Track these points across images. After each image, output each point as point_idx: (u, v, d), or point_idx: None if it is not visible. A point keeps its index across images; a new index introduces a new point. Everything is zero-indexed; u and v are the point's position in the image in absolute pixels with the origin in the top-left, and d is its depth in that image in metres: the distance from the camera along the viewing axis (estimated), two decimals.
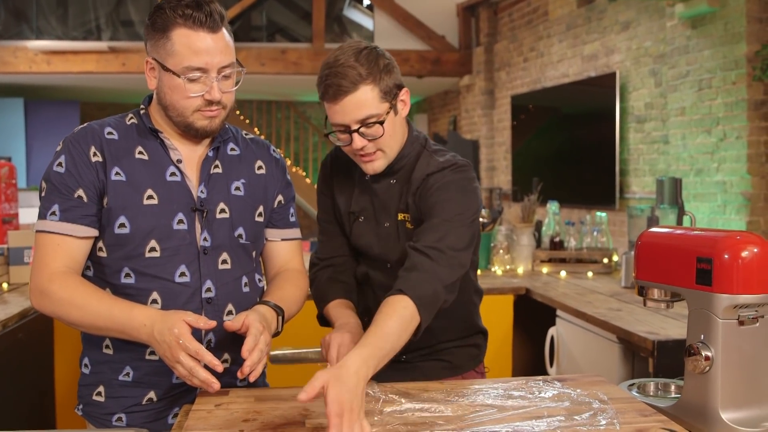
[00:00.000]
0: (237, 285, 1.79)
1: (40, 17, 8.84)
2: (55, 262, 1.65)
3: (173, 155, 1.74)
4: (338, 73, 1.73)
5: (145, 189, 1.69)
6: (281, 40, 9.38)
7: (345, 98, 1.73)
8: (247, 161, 1.85)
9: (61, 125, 10.47)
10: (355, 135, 1.76)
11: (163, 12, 1.66)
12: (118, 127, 1.75)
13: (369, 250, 1.93)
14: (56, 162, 1.69)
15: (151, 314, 1.57)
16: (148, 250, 1.69)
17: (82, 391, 1.79)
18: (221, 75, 1.67)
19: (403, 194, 1.88)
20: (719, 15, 4.64)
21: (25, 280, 3.36)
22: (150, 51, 1.70)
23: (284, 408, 1.52)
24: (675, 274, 1.52)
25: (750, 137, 4.51)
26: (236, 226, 1.78)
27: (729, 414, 1.41)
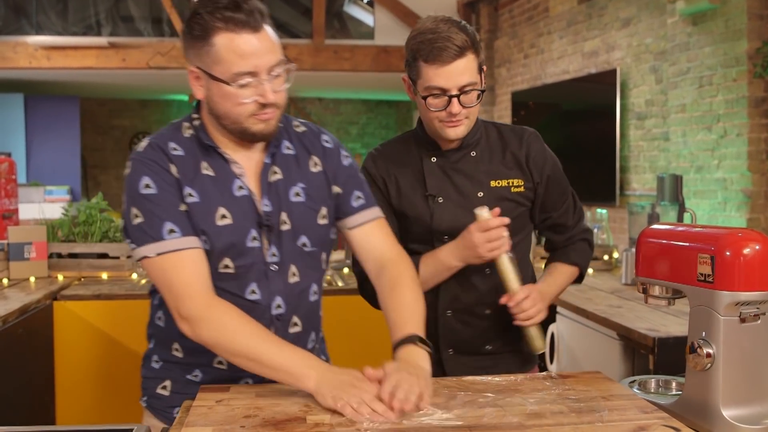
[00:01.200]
0: (304, 296, 1.74)
1: (39, 12, 8.83)
2: (197, 284, 1.57)
3: (235, 169, 1.67)
4: (448, 38, 1.78)
5: (216, 208, 1.62)
6: (281, 36, 9.28)
7: (453, 62, 1.79)
8: (303, 160, 1.75)
9: (60, 121, 10.46)
10: (455, 100, 1.81)
11: (200, 17, 1.56)
12: (180, 142, 1.66)
13: (460, 227, 1.90)
14: (141, 184, 1.59)
15: (322, 362, 1.54)
16: (221, 267, 1.64)
17: (148, 383, 1.80)
18: (271, 75, 1.58)
19: (494, 162, 1.95)
20: (720, 12, 4.64)
21: (24, 276, 3.36)
22: (192, 60, 1.61)
23: (285, 404, 1.52)
24: (676, 271, 1.51)
25: (750, 134, 4.51)
26: (298, 236, 1.70)
27: (730, 411, 1.41)
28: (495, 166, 1.95)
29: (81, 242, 3.50)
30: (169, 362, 1.76)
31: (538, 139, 2.00)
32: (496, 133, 2.00)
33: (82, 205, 3.60)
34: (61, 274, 3.43)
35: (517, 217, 1.96)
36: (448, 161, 1.96)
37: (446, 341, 2.01)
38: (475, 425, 1.40)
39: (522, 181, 1.96)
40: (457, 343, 2.01)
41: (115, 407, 3.10)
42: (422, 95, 1.85)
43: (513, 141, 1.98)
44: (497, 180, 1.95)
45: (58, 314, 3.08)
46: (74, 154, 10.63)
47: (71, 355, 3.10)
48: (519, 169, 1.96)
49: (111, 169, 13.40)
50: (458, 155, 1.96)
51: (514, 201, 1.96)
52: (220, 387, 1.67)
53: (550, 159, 2.01)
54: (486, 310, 1.98)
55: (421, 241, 1.98)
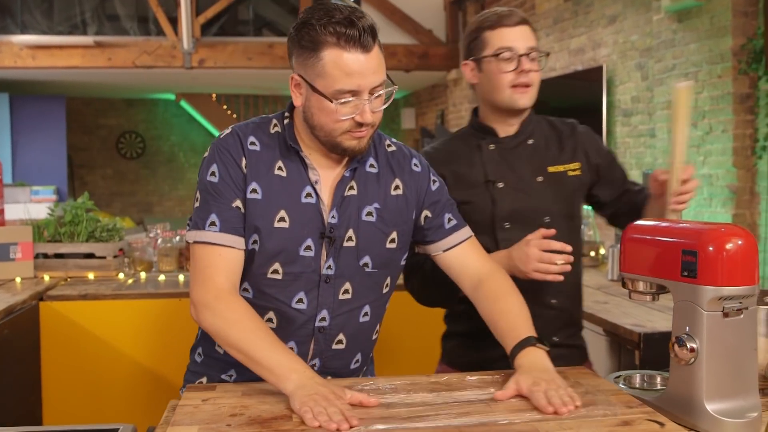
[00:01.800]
0: (354, 315, 1.72)
1: (24, 12, 8.78)
2: (218, 277, 1.60)
3: (312, 175, 1.67)
4: (510, 10, 1.97)
5: (278, 210, 1.63)
6: (268, 35, 9.35)
7: (522, 25, 1.95)
8: (384, 181, 1.73)
9: (46, 120, 10.41)
10: (523, 58, 1.93)
11: (312, 28, 1.55)
12: (261, 137, 1.68)
13: (522, 212, 1.96)
14: (209, 171, 1.64)
15: (308, 370, 1.53)
16: (270, 272, 1.65)
17: (189, 376, 1.82)
18: (373, 96, 1.58)
19: (550, 148, 2.03)
20: (705, 9, 4.66)
21: (10, 277, 3.34)
22: (296, 67, 1.61)
23: (271, 402, 1.52)
24: (660, 267, 1.52)
25: (735, 130, 4.53)
26: (362, 255, 1.69)
27: (714, 405, 1.42)
28: (552, 153, 2.03)
29: (67, 242, 3.48)
30: (210, 357, 1.77)
31: (586, 127, 2.12)
32: (548, 124, 2.09)
33: (68, 205, 3.58)
34: (47, 274, 3.42)
35: (574, 202, 2.04)
36: (506, 148, 2.02)
37: None
38: (461, 421, 1.41)
39: (579, 165, 2.03)
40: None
41: (102, 407, 3.09)
42: (492, 54, 1.95)
43: (565, 129, 2.08)
44: (555, 165, 2.01)
45: (44, 315, 3.07)
46: (60, 153, 10.57)
47: (58, 356, 3.09)
48: (574, 155, 2.04)
49: (97, 168, 13.35)
50: (515, 142, 2.02)
51: (571, 185, 2.02)
52: (206, 386, 1.67)
53: (601, 141, 2.13)
54: (552, 299, 1.99)
55: (483, 231, 1.96)
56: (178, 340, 3.04)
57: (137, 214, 13.14)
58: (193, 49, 8.64)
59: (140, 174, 13.54)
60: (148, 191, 13.60)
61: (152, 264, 3.67)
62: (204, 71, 8.97)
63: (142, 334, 3.10)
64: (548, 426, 1.39)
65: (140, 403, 3.07)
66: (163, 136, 13.59)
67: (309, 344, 1.71)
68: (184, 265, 3.63)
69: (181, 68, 8.75)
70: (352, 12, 1.55)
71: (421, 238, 1.81)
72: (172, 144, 13.62)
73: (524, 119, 2.04)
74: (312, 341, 1.70)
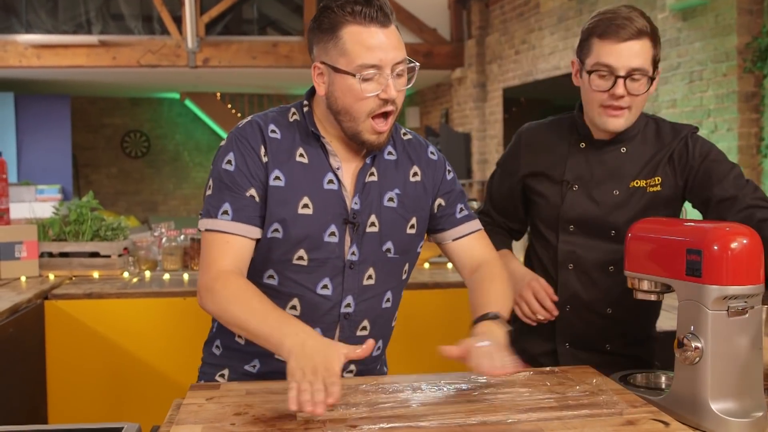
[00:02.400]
0: (377, 301, 1.74)
1: (29, 11, 8.80)
2: (222, 261, 1.60)
3: (333, 162, 1.68)
4: (628, 17, 1.76)
5: (301, 196, 1.64)
6: (272, 34, 9.36)
7: (629, 41, 1.76)
8: (403, 168, 1.75)
9: (51, 119, 10.43)
10: (620, 81, 1.77)
11: (330, 11, 1.59)
12: (281, 125, 1.69)
13: (589, 219, 1.90)
14: (225, 159, 1.64)
15: (306, 329, 1.48)
16: (295, 258, 1.65)
17: (206, 369, 1.81)
18: (395, 73, 1.59)
19: (642, 160, 1.88)
20: (710, 7, 4.65)
21: (15, 275, 3.35)
22: (317, 55, 1.63)
23: (276, 401, 1.52)
24: (665, 266, 1.52)
25: (741, 129, 4.53)
26: (384, 241, 1.71)
27: (719, 404, 1.42)
28: (641, 165, 1.88)
29: (72, 241, 3.49)
30: (231, 349, 1.77)
31: (693, 137, 1.88)
32: (654, 129, 1.92)
33: (72, 203, 3.58)
34: (52, 273, 3.42)
35: (649, 214, 1.86)
36: (596, 151, 1.91)
37: (563, 335, 1.97)
38: (465, 420, 1.41)
39: (659, 179, 1.87)
40: (575, 339, 1.97)
41: (107, 406, 3.10)
42: (588, 71, 1.82)
43: (667, 137, 1.89)
44: (637, 180, 1.88)
45: (49, 314, 3.07)
46: (65, 152, 10.60)
47: (63, 354, 3.09)
48: (664, 168, 1.88)
49: (102, 167, 13.37)
50: (608, 147, 1.90)
51: (648, 201, 1.88)
52: (210, 384, 1.67)
53: (700, 155, 1.85)
54: (607, 309, 1.93)
55: (549, 226, 1.96)
56: (183, 339, 3.04)
57: (142, 213, 13.16)
58: (198, 48, 8.65)
59: (145, 173, 13.56)
60: (152, 190, 13.62)
61: (157, 263, 3.67)
62: (208, 70, 8.98)
63: (147, 333, 3.11)
64: (552, 425, 1.39)
65: (145, 401, 3.07)
66: (168, 135, 13.61)
67: (334, 331, 1.71)
68: (188, 264, 3.63)
69: (185, 67, 8.76)
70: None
71: (432, 226, 1.83)
72: (177, 143, 13.64)
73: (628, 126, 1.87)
74: (337, 328, 1.71)
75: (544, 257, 2.01)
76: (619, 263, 1.87)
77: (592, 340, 1.95)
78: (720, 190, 1.78)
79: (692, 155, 1.85)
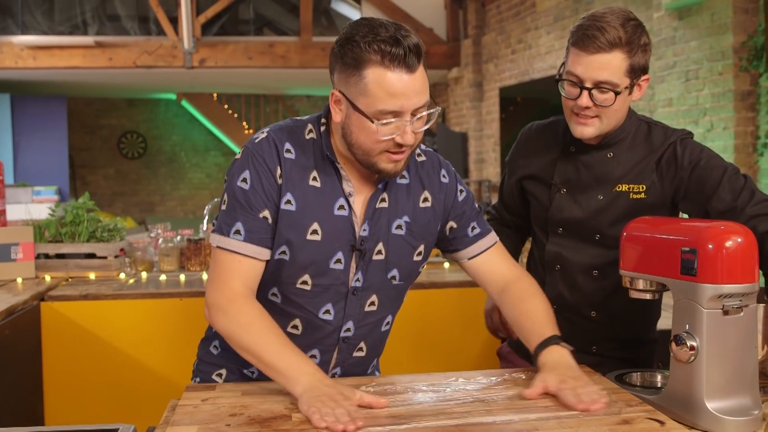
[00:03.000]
0: (377, 325, 1.73)
1: (25, 12, 8.79)
2: (234, 281, 1.58)
3: (346, 187, 1.63)
4: (601, 28, 1.72)
5: (311, 222, 1.60)
6: (269, 34, 9.36)
7: (595, 54, 1.73)
8: (414, 193, 1.70)
9: (48, 121, 10.42)
10: (585, 93, 1.75)
11: (356, 45, 1.48)
12: (296, 143, 1.63)
13: (574, 223, 1.90)
14: (240, 177, 1.59)
15: (318, 372, 1.52)
16: (299, 282, 1.64)
17: (203, 367, 1.80)
18: (415, 117, 1.52)
19: (628, 164, 1.86)
20: (706, 6, 4.65)
21: (11, 277, 3.34)
22: (337, 83, 1.55)
23: (271, 402, 1.52)
24: (660, 265, 1.52)
25: (737, 128, 4.53)
26: (390, 268, 1.68)
27: (714, 403, 1.42)
28: (627, 170, 1.86)
29: (68, 242, 3.48)
30: (229, 351, 1.74)
31: (683, 143, 1.84)
32: (645, 132, 1.89)
33: (68, 205, 3.58)
34: (48, 274, 3.42)
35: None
36: (584, 155, 1.91)
37: None
38: (462, 420, 1.41)
39: (644, 187, 1.85)
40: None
41: (103, 407, 3.09)
42: (561, 77, 1.82)
43: (657, 141, 1.86)
44: (621, 184, 1.86)
45: (45, 315, 3.07)
46: (62, 154, 10.59)
47: (59, 356, 3.09)
48: (651, 175, 1.85)
49: (99, 168, 13.36)
50: (595, 152, 1.89)
51: (632, 208, 1.85)
52: (206, 385, 1.67)
53: (689, 163, 1.81)
54: (591, 311, 1.94)
55: (541, 227, 1.99)
56: (180, 340, 3.04)
57: (139, 213, 13.16)
58: (194, 48, 8.64)
59: (142, 174, 13.56)
60: (149, 191, 13.61)
61: (153, 264, 3.67)
62: (205, 71, 8.98)
63: (144, 334, 3.10)
64: (549, 424, 1.39)
65: (141, 402, 3.07)
66: (165, 135, 13.61)
67: (332, 353, 1.71)
68: (185, 265, 3.63)
69: (181, 68, 8.76)
70: (397, 30, 1.49)
71: (445, 247, 1.81)
72: (174, 144, 13.63)
73: (615, 130, 1.86)
74: (336, 350, 1.71)
75: (537, 257, 2.04)
76: (603, 268, 1.90)
77: (578, 342, 1.95)
78: (717, 201, 1.75)
79: (681, 163, 1.81)
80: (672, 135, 1.87)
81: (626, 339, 1.98)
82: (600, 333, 1.96)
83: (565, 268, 1.94)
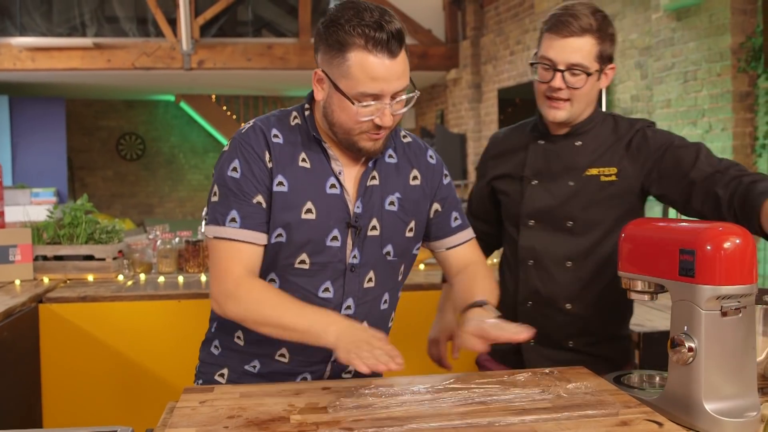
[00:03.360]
0: (376, 302, 1.75)
1: (24, 13, 8.78)
2: (235, 268, 1.61)
3: (335, 166, 1.67)
4: (574, 14, 1.85)
5: (304, 201, 1.64)
6: (267, 35, 9.36)
7: (569, 38, 1.85)
8: (403, 171, 1.76)
9: (46, 122, 10.42)
10: (558, 75, 1.87)
11: (340, 28, 1.54)
12: (283, 129, 1.68)
13: (546, 211, 1.95)
14: (230, 166, 1.63)
15: (346, 318, 1.59)
16: (297, 262, 1.66)
17: (205, 368, 1.81)
18: (395, 100, 1.58)
19: (597, 152, 1.94)
20: (704, 7, 4.65)
21: (9, 279, 3.34)
22: (320, 63, 1.61)
23: (269, 404, 1.52)
24: (658, 266, 1.52)
25: (735, 129, 4.53)
26: (385, 244, 1.71)
27: (712, 405, 1.42)
28: (596, 156, 1.94)
29: (66, 244, 3.48)
30: (230, 350, 1.77)
31: (651, 129, 1.94)
32: (612, 125, 1.98)
33: (67, 207, 3.58)
34: (46, 276, 3.42)
35: (606, 209, 1.93)
36: (552, 146, 1.99)
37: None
38: (460, 421, 1.41)
39: (615, 170, 1.92)
40: (538, 335, 1.95)
41: (101, 409, 3.09)
42: (534, 62, 1.92)
43: (623, 130, 1.95)
44: (591, 169, 1.94)
45: (43, 317, 3.07)
46: (60, 155, 10.59)
47: (57, 358, 3.08)
48: (621, 160, 1.92)
49: (98, 170, 13.35)
50: (563, 141, 1.98)
51: (604, 191, 1.92)
52: (204, 387, 1.66)
53: (662, 145, 1.88)
54: (566, 304, 1.97)
55: (513, 223, 2.03)
56: (178, 342, 3.04)
57: (138, 215, 13.15)
58: (193, 50, 8.64)
59: (140, 175, 13.55)
60: (148, 193, 13.61)
61: (152, 266, 3.66)
62: (203, 72, 8.98)
63: (142, 336, 3.10)
64: (547, 426, 1.39)
65: (139, 404, 3.07)
66: (163, 137, 13.60)
67: None
68: (183, 267, 3.63)
69: (180, 69, 8.75)
70: (381, 15, 1.54)
71: (427, 233, 1.83)
72: (172, 145, 13.63)
73: (582, 120, 1.96)
74: None
75: (509, 255, 2.08)
76: (575, 258, 1.95)
77: (554, 337, 1.99)
78: (698, 172, 1.79)
79: (653, 145, 1.89)
80: (638, 123, 1.96)
81: (602, 334, 2.01)
82: (575, 327, 1.98)
83: (538, 261, 1.98)
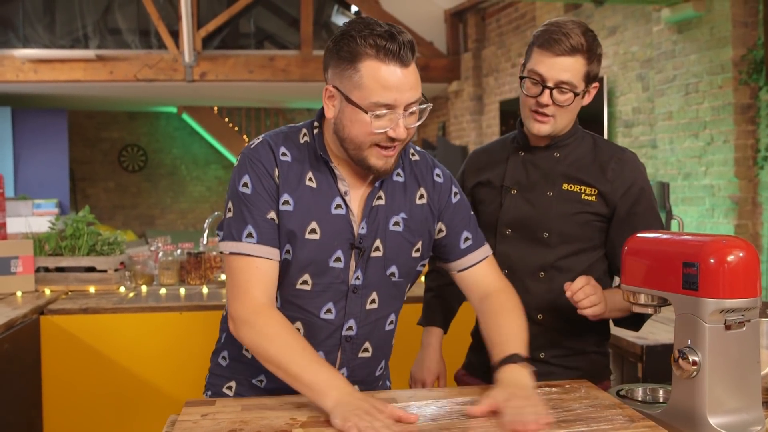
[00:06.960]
0: (380, 324, 1.73)
1: (26, 25, 8.81)
2: (256, 290, 1.60)
3: (341, 186, 1.66)
4: (567, 33, 1.86)
5: (309, 221, 1.63)
6: (269, 47, 9.38)
7: (561, 57, 1.87)
8: (410, 190, 1.73)
9: (48, 134, 10.44)
10: (547, 91, 1.88)
11: (351, 40, 1.54)
12: (291, 147, 1.67)
13: (523, 221, 1.97)
14: (241, 182, 1.63)
15: (348, 386, 1.52)
16: (299, 283, 1.65)
17: (213, 380, 1.81)
18: (407, 112, 1.57)
19: (575, 166, 1.97)
20: (705, 19, 4.66)
21: (11, 290, 3.34)
22: (331, 78, 1.60)
23: (271, 417, 1.51)
24: (662, 279, 1.51)
25: (737, 141, 4.53)
26: (389, 265, 1.69)
27: (716, 419, 1.41)
28: (574, 171, 1.96)
29: (68, 256, 3.48)
30: (237, 362, 1.76)
31: (633, 161, 1.97)
32: (591, 144, 2.01)
33: (69, 218, 3.58)
34: (48, 288, 3.41)
35: (582, 225, 1.95)
36: (532, 157, 2.02)
37: None
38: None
39: (595, 191, 1.94)
40: None
41: (103, 421, 3.08)
42: (523, 76, 1.93)
43: (605, 154, 1.97)
44: (570, 184, 1.96)
45: (45, 329, 3.06)
46: (62, 167, 10.60)
47: (58, 370, 3.08)
48: (599, 182, 1.94)
49: (100, 182, 13.37)
50: (542, 153, 2.00)
51: (582, 208, 1.94)
52: (205, 401, 1.66)
53: (639, 185, 1.95)
54: (538, 314, 1.96)
55: (490, 231, 2.00)
56: (180, 354, 3.03)
57: (139, 227, 13.15)
58: (195, 62, 8.66)
59: (142, 187, 13.56)
60: (150, 204, 13.61)
61: (153, 277, 3.66)
62: (205, 84, 8.99)
63: (143, 348, 3.09)
64: None
65: (141, 417, 3.06)
66: (165, 149, 13.62)
67: (336, 353, 1.71)
68: (185, 279, 3.62)
69: (182, 81, 8.77)
70: (392, 26, 1.56)
71: (436, 253, 1.82)
72: (174, 157, 13.64)
73: (562, 134, 1.98)
74: (339, 350, 1.70)
75: None
76: (548, 270, 1.96)
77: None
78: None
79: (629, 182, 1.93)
80: (620, 151, 1.99)
81: (574, 348, 1.99)
82: (547, 338, 1.98)
83: (513, 270, 1.97)
